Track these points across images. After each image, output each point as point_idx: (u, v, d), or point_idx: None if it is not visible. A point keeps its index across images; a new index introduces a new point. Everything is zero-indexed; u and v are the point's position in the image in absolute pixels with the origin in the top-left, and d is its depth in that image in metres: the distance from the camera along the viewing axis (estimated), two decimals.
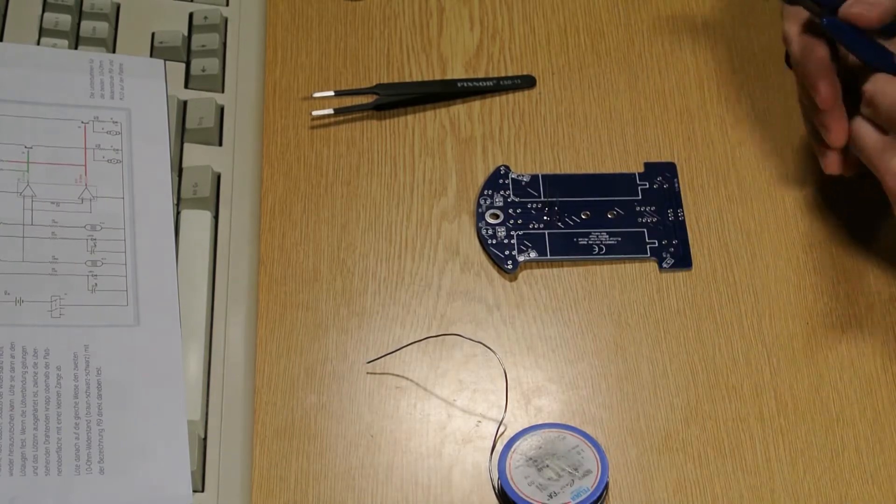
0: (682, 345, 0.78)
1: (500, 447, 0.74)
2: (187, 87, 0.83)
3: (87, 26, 0.83)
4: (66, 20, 0.83)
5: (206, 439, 0.72)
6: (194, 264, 0.77)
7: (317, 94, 0.86)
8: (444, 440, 0.75)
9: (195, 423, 0.72)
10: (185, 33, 0.85)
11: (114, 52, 0.84)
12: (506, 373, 0.76)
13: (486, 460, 0.74)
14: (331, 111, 0.85)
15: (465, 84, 0.87)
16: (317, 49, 0.88)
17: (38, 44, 0.82)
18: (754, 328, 0.78)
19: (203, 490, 0.71)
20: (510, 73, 0.88)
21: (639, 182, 0.84)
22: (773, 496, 0.73)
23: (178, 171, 0.80)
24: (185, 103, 0.82)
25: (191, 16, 0.85)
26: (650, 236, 0.82)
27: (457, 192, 0.83)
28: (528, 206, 0.82)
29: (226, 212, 0.79)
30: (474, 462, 0.74)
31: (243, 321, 0.76)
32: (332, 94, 0.86)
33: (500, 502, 0.73)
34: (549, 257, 0.81)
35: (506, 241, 0.81)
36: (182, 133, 0.81)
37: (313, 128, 0.85)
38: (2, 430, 0.69)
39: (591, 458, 0.72)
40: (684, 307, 0.79)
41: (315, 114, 0.85)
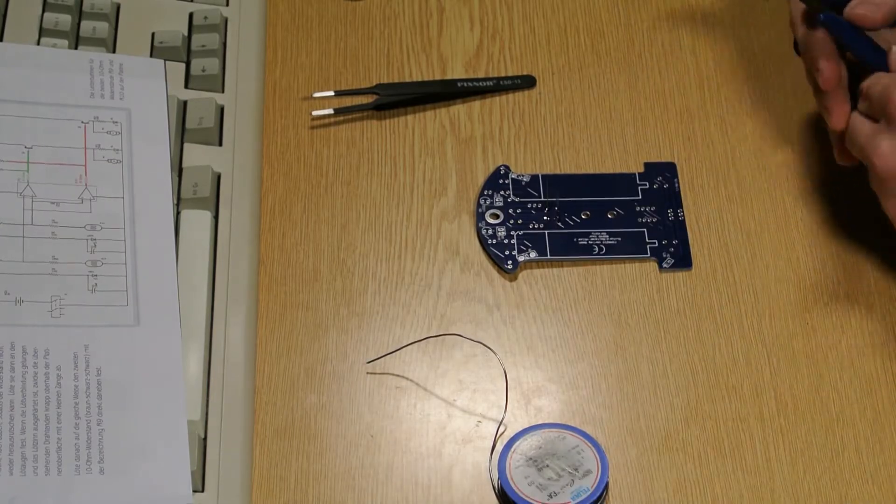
0: (682, 345, 0.78)
1: (500, 447, 0.74)
2: (187, 87, 0.83)
3: (87, 26, 0.83)
4: (66, 20, 0.83)
5: (206, 439, 0.72)
6: (194, 264, 0.77)
7: (317, 94, 0.86)
8: (444, 440, 0.75)
9: (195, 423, 0.72)
10: (185, 33, 0.85)
11: (114, 52, 0.84)
12: (506, 373, 0.76)
13: (486, 460, 0.74)
14: (331, 111, 0.85)
15: (465, 84, 0.87)
16: (317, 49, 0.88)
17: (38, 44, 0.82)
18: (754, 328, 0.78)
19: (203, 490, 0.71)
20: (510, 73, 0.88)
21: (639, 182, 0.84)
22: (773, 496, 0.73)
23: (178, 171, 0.80)
24: (185, 103, 0.82)
25: (191, 16, 0.85)
26: (650, 236, 0.82)
27: (457, 192, 0.83)
28: (528, 206, 0.82)
29: (226, 212, 0.79)
30: (474, 462, 0.74)
31: (243, 321, 0.76)
32: (332, 94, 0.86)
33: (500, 502, 0.73)
34: (549, 257, 0.81)
35: (506, 241, 0.81)
36: (182, 133, 0.81)
37: (313, 128, 0.85)
38: (2, 430, 0.69)
39: (591, 458, 0.72)
40: (684, 307, 0.79)
41: (315, 114, 0.85)
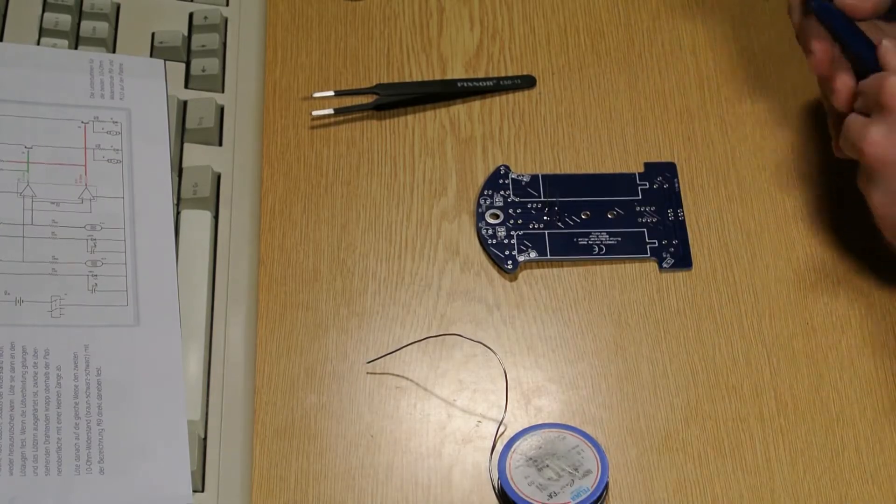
0: (682, 345, 0.78)
1: (500, 447, 0.74)
2: (187, 87, 0.83)
3: (87, 26, 0.83)
4: (66, 20, 0.83)
5: (206, 439, 0.72)
6: (194, 264, 0.77)
7: (317, 94, 0.86)
8: (444, 440, 0.75)
9: (195, 423, 0.72)
10: (185, 33, 0.85)
11: (114, 52, 0.84)
12: (506, 373, 0.76)
13: (486, 460, 0.74)
14: (331, 111, 0.85)
15: (465, 84, 0.87)
16: (317, 49, 0.88)
17: (38, 44, 0.82)
18: (754, 328, 0.78)
19: (203, 490, 0.71)
20: (510, 73, 0.88)
21: (639, 182, 0.84)
22: (773, 496, 0.73)
23: (178, 171, 0.80)
24: (185, 103, 0.82)
25: (191, 16, 0.85)
26: (650, 236, 0.82)
27: (457, 192, 0.83)
28: (528, 206, 0.82)
29: (226, 212, 0.79)
30: (474, 462, 0.74)
31: (243, 321, 0.76)
32: (332, 94, 0.86)
33: (500, 502, 0.73)
34: (549, 257, 0.81)
35: (506, 241, 0.81)
36: (182, 133, 0.81)
37: (313, 128, 0.85)
38: (2, 430, 0.69)
39: (591, 458, 0.72)
40: (684, 307, 0.79)
41: (315, 114, 0.85)
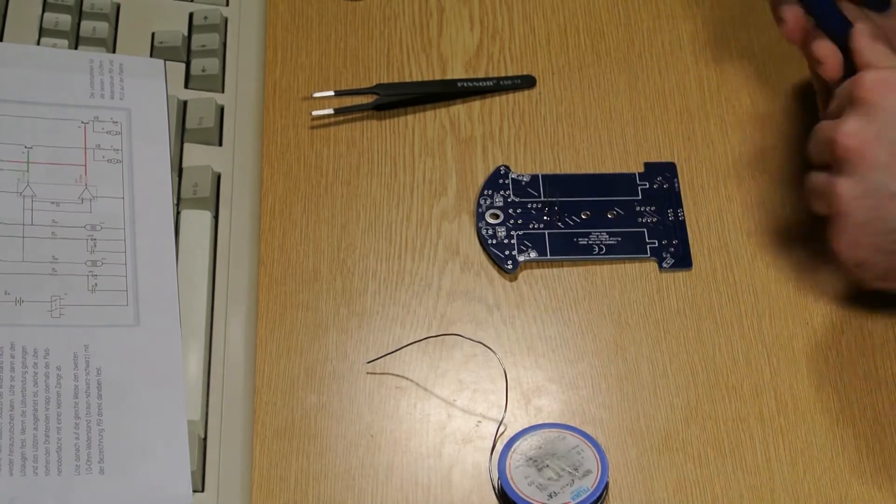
0: (682, 345, 0.78)
1: (500, 447, 0.74)
2: (187, 87, 0.83)
3: (87, 26, 0.83)
4: (66, 20, 0.83)
5: (206, 439, 0.72)
6: (194, 264, 0.77)
7: (317, 94, 0.86)
8: (444, 440, 0.75)
9: (195, 423, 0.72)
10: (185, 33, 0.85)
11: (114, 52, 0.84)
12: (506, 373, 0.76)
13: (486, 460, 0.74)
14: (331, 111, 0.85)
15: (465, 84, 0.87)
16: (317, 49, 0.88)
17: (38, 44, 0.82)
18: (754, 328, 0.78)
19: (203, 490, 0.71)
20: (510, 73, 0.88)
21: (639, 182, 0.84)
22: (773, 496, 0.73)
23: (178, 171, 0.80)
24: (185, 103, 0.82)
25: (191, 16, 0.85)
26: (650, 236, 0.82)
27: (457, 192, 0.83)
28: (528, 206, 0.82)
29: (226, 212, 0.79)
30: (474, 462, 0.74)
31: (243, 321, 0.76)
32: (332, 94, 0.86)
33: (500, 502, 0.73)
34: (549, 257, 0.81)
35: (506, 241, 0.81)
36: (182, 133, 0.81)
37: (313, 128, 0.85)
38: (2, 430, 0.69)
39: (591, 458, 0.72)
40: (684, 307, 0.79)
41: (315, 114, 0.85)
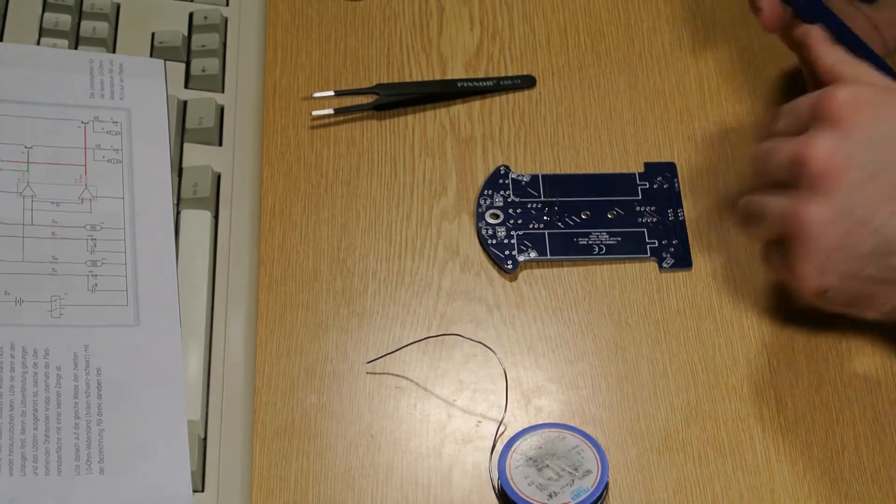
0: (682, 345, 0.78)
1: (500, 447, 0.74)
2: (187, 87, 0.83)
3: (87, 26, 0.83)
4: (66, 20, 0.83)
5: (206, 439, 0.72)
6: (194, 264, 0.77)
7: (317, 94, 0.86)
8: (444, 440, 0.75)
9: (195, 423, 0.72)
10: (185, 33, 0.85)
11: (114, 52, 0.84)
12: (506, 373, 0.76)
13: (486, 460, 0.74)
14: (331, 111, 0.85)
15: (465, 84, 0.87)
16: (317, 49, 0.88)
17: (38, 44, 0.82)
18: (754, 328, 0.78)
19: (203, 490, 0.71)
20: (510, 73, 0.88)
21: (639, 182, 0.84)
22: (773, 496, 0.73)
23: (178, 171, 0.80)
24: (185, 103, 0.82)
25: (191, 16, 0.85)
26: (650, 236, 0.82)
27: (457, 192, 0.83)
28: (528, 206, 0.82)
29: (226, 212, 0.79)
30: (474, 462, 0.74)
31: (243, 321, 0.76)
32: (332, 94, 0.86)
33: (500, 502, 0.73)
34: (549, 257, 0.81)
35: (506, 241, 0.81)
36: (182, 133, 0.81)
37: (313, 128, 0.85)
38: (2, 430, 0.69)
39: (591, 458, 0.72)
40: (684, 307, 0.79)
41: (315, 114, 0.85)
